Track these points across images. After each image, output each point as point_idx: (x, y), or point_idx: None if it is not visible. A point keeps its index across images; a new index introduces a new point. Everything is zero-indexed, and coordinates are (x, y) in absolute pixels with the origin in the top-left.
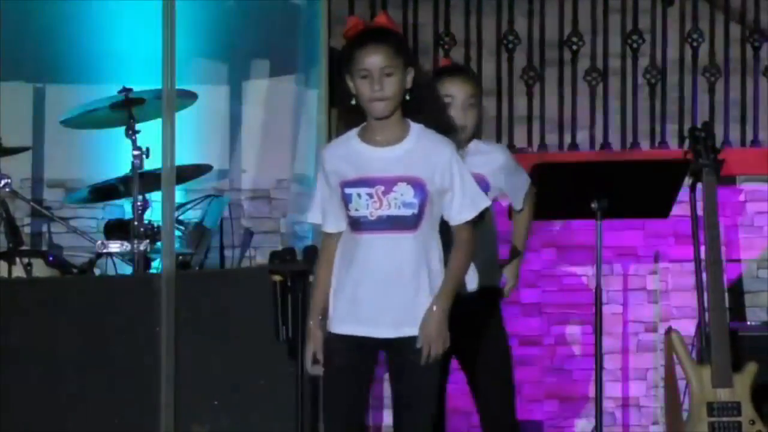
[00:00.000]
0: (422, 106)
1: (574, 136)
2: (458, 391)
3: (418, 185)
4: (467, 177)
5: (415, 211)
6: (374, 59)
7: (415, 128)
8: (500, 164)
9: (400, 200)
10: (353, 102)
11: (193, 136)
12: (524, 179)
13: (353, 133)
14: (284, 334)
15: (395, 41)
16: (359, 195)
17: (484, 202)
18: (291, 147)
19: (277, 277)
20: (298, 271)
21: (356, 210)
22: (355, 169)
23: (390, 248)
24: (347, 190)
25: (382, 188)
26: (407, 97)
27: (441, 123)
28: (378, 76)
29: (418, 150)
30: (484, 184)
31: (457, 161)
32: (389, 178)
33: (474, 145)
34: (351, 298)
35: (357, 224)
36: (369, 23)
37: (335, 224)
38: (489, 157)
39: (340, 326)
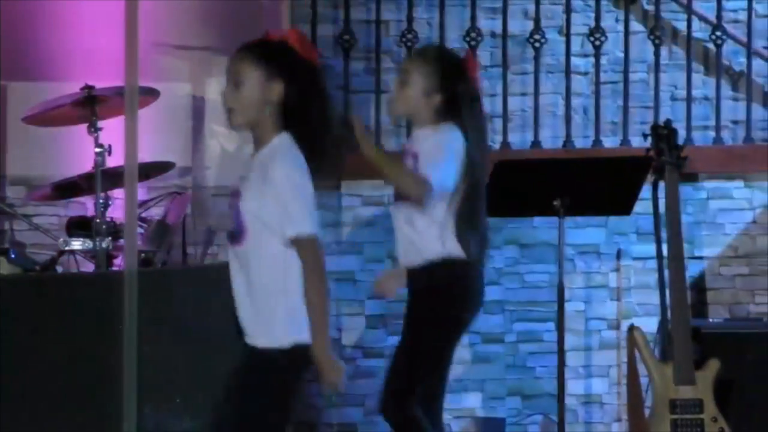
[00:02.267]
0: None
1: (536, 134)
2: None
3: None
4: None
5: None
6: (228, 65)
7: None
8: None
9: None
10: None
11: (156, 133)
12: None
13: None
14: None
15: (258, 52)
16: None
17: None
18: None
19: None
20: None
21: None
22: None
23: None
24: None
25: None
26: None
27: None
28: (228, 83)
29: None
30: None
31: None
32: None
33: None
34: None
35: None
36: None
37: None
38: None
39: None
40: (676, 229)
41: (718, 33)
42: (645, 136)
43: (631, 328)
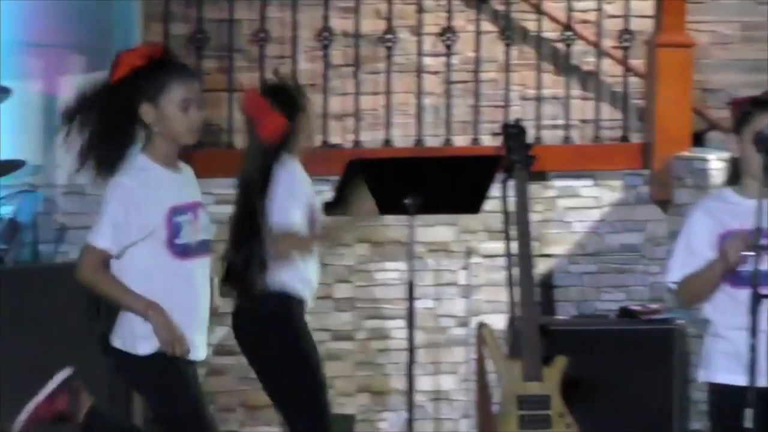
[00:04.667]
0: None
1: (388, 133)
2: None
3: None
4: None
5: None
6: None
7: None
8: None
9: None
10: None
11: (7, 131)
12: None
13: None
14: (99, 328)
15: None
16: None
17: None
18: None
19: None
20: None
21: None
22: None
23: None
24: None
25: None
26: None
27: None
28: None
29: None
30: None
31: None
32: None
33: None
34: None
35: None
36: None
37: None
38: None
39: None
40: (524, 228)
41: (568, 33)
42: (495, 134)
43: (480, 326)
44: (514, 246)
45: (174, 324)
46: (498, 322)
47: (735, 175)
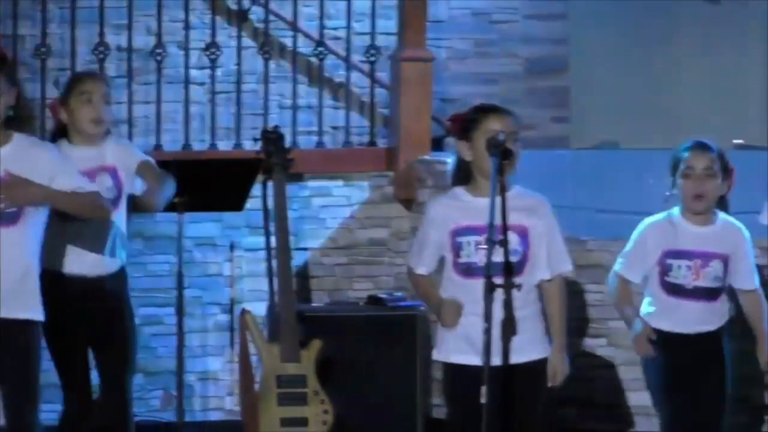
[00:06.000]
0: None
1: (159, 138)
2: None
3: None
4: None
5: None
6: None
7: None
8: None
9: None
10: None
11: None
12: None
13: None
14: None
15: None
16: None
17: None
18: None
19: None
20: None
21: None
22: None
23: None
24: None
25: None
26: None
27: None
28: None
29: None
30: None
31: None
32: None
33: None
34: None
35: None
36: None
37: None
38: None
39: None
40: (282, 224)
41: (321, 49)
42: (256, 140)
43: (243, 312)
44: (274, 240)
45: None
46: (259, 309)
47: (465, 176)
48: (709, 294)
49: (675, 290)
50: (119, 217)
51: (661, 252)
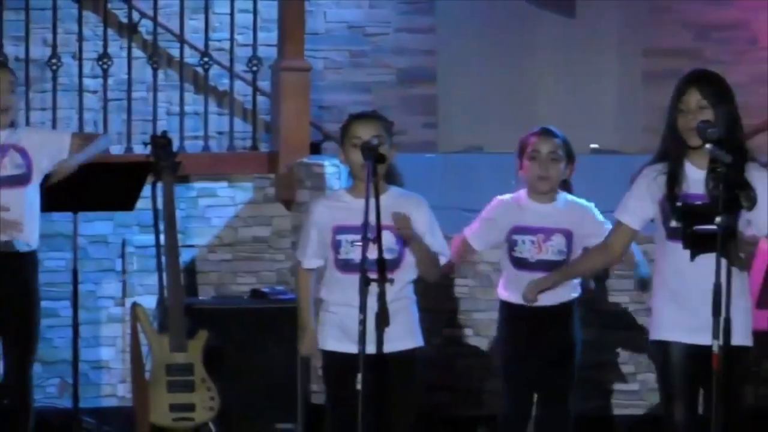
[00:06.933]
0: None
1: None
2: None
3: None
4: None
5: None
6: None
7: None
8: None
9: None
10: None
11: None
12: None
13: None
14: None
15: None
16: None
17: None
18: None
19: None
20: None
21: None
22: None
23: None
24: None
25: None
26: None
27: None
28: None
29: None
30: None
31: None
32: None
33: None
34: None
35: None
36: None
37: None
38: None
39: None
40: (171, 222)
41: (206, 59)
42: (146, 144)
43: (134, 305)
44: (163, 238)
45: None
46: (150, 302)
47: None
48: (552, 267)
49: (521, 264)
50: (33, 191)
51: (508, 229)
